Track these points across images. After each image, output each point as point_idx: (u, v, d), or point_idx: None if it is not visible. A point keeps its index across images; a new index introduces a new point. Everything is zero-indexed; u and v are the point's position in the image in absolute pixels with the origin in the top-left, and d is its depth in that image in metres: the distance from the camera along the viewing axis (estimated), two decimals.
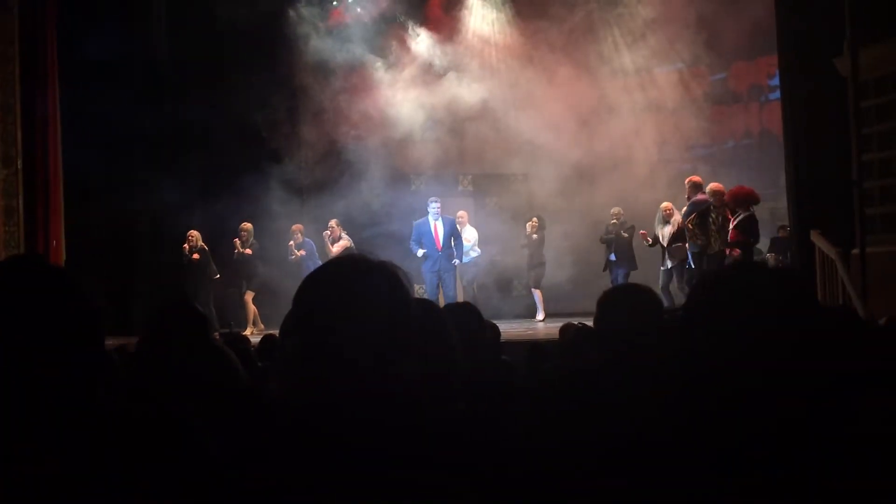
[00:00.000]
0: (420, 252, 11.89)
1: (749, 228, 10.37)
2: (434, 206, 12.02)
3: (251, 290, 12.35)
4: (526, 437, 2.41)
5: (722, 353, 1.48)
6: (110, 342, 4.26)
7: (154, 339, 3.33)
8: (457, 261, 12.04)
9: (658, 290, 10.42)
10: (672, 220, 11.24)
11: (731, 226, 10.42)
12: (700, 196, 10.79)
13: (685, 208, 10.94)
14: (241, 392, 3.13)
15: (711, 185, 10.79)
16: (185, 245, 12.06)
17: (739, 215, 10.37)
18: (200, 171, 12.33)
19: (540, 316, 12.79)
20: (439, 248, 11.89)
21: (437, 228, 11.99)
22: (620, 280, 11.73)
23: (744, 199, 10.56)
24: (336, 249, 12.04)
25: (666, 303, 8.63)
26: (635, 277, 11.71)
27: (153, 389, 3.07)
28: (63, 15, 11.62)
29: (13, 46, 10.96)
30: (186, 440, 1.59)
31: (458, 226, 12.45)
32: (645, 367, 2.36)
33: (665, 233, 11.29)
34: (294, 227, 12.52)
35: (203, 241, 12.16)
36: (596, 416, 2.18)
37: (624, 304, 2.79)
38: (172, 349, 3.23)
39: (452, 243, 11.99)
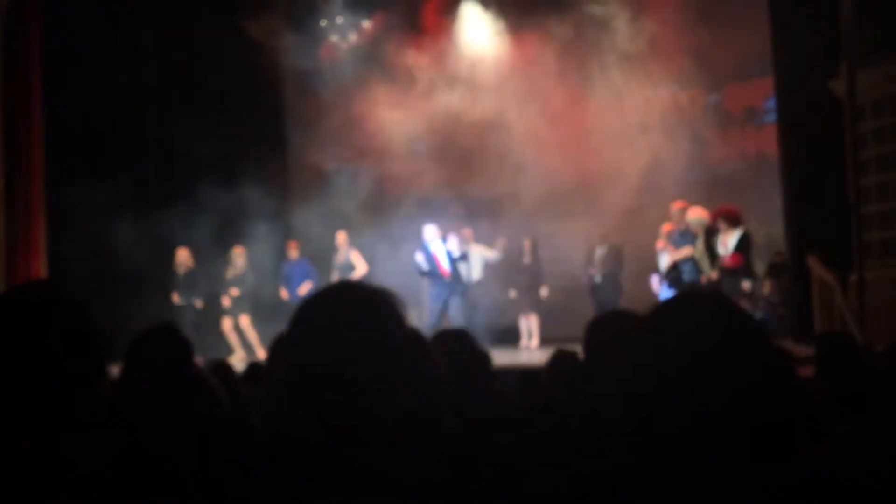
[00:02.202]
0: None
1: (749, 247, 10.10)
2: (430, 232, 11.74)
3: (246, 313, 12.28)
4: (513, 467, 2.36)
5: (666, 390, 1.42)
6: None
7: (136, 366, 3.25)
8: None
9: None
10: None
11: (728, 248, 10.07)
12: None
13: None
14: (224, 422, 3.05)
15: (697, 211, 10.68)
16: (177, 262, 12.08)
17: (735, 235, 10.03)
18: (184, 191, 12.26)
19: (534, 342, 12.59)
20: (445, 275, 11.72)
21: (439, 254, 11.76)
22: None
23: (736, 217, 10.28)
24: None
25: None
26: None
27: (135, 420, 3.00)
28: (47, 36, 11.56)
29: None
30: (171, 474, 1.54)
31: (463, 244, 12.38)
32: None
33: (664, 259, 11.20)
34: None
35: (191, 262, 12.13)
36: (572, 446, 2.15)
37: (611, 331, 2.71)
38: (154, 376, 3.15)
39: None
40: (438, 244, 11.75)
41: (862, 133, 9.25)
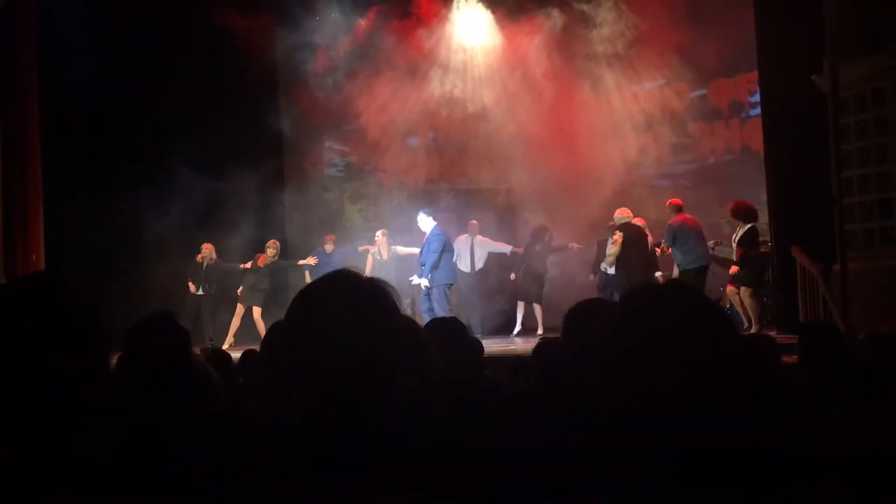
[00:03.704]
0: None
1: (754, 241, 10.88)
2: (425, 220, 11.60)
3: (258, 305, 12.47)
4: (501, 451, 2.40)
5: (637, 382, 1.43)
6: None
7: (134, 355, 3.28)
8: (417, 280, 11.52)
9: None
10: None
11: (734, 240, 10.92)
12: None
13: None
14: (220, 412, 3.09)
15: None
16: (199, 256, 12.39)
17: (742, 229, 10.85)
18: (181, 185, 12.28)
19: (540, 331, 12.38)
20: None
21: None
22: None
23: (748, 212, 10.95)
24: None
25: None
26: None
27: (133, 410, 3.03)
28: (45, 35, 11.56)
29: None
30: (168, 460, 1.58)
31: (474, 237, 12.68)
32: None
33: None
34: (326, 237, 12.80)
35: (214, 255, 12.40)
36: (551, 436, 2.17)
37: (589, 319, 2.68)
38: (153, 366, 3.18)
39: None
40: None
41: (844, 127, 9.34)
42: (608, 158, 13.22)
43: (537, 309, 12.67)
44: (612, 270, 11.76)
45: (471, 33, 14.46)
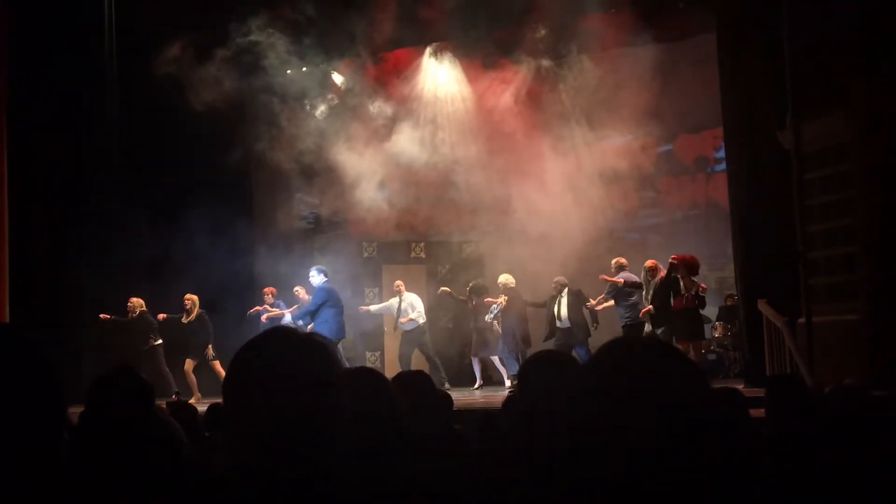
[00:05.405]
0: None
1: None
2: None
3: (192, 359, 12.32)
4: None
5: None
6: None
7: (96, 409, 3.23)
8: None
9: None
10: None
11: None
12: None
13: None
14: (185, 466, 3.05)
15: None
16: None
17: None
18: (150, 232, 12.25)
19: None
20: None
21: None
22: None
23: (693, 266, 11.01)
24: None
25: None
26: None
27: (95, 465, 2.97)
28: (13, 80, 11.59)
29: None
30: None
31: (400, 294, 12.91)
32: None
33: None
34: (265, 289, 12.70)
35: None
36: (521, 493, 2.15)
37: (544, 372, 2.63)
38: (114, 421, 3.13)
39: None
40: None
41: (808, 182, 9.50)
42: (577, 212, 13.33)
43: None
44: (566, 324, 12.01)
45: (440, 86, 14.64)
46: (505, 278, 12.58)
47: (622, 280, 11.57)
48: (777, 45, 9.59)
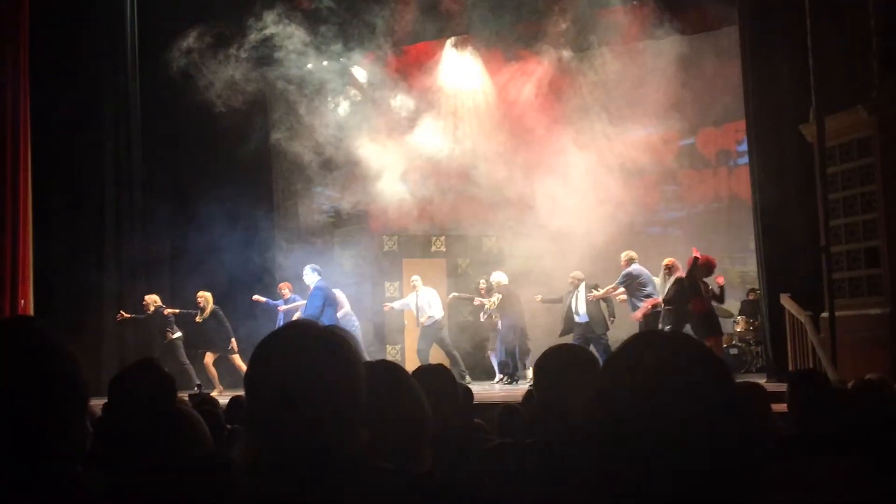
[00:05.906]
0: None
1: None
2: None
3: (212, 352, 12.38)
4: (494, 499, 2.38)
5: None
6: None
7: (119, 402, 3.26)
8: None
9: None
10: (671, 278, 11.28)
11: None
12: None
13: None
14: (206, 458, 3.07)
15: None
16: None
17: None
18: (170, 229, 12.33)
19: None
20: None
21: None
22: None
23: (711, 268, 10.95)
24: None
25: None
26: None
27: (118, 457, 3.00)
28: (35, 65, 11.68)
29: None
30: None
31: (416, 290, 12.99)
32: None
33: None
34: (281, 285, 12.73)
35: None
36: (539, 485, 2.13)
37: (558, 367, 2.64)
38: (137, 413, 3.16)
39: None
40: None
41: (831, 176, 9.43)
42: (598, 206, 13.26)
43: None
44: (585, 318, 12.00)
45: (461, 80, 14.61)
46: (498, 277, 12.72)
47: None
48: (800, 38, 9.51)
